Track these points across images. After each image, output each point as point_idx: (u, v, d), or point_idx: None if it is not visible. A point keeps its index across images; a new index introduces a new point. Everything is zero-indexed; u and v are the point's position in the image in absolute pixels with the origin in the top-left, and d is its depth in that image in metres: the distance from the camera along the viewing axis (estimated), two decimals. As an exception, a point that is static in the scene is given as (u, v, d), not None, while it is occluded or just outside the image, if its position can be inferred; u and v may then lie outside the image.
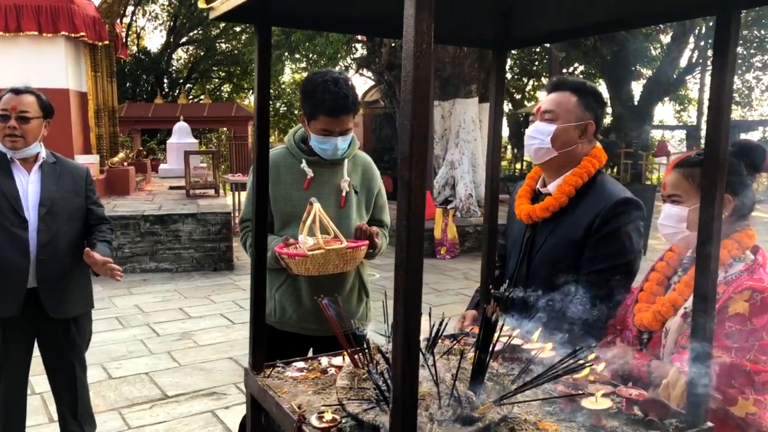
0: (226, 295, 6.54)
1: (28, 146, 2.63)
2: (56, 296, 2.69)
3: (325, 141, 2.37)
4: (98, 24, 9.24)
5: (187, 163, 9.20)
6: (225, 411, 3.85)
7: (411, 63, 0.92)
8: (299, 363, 1.66)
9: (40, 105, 2.66)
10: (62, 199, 2.70)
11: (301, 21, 1.63)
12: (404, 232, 0.94)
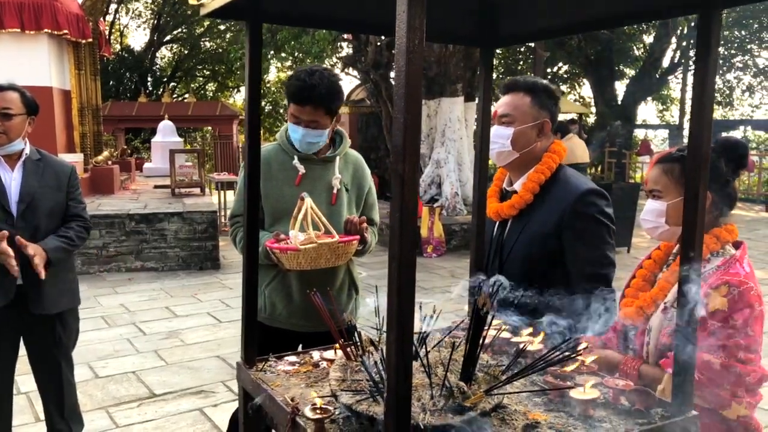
0: (212, 293, 6.53)
1: (11, 142, 2.63)
2: (38, 292, 2.67)
3: (295, 129, 2.39)
4: (82, 21, 9.15)
5: (172, 162, 9.15)
6: (213, 409, 3.85)
7: (404, 58, 0.94)
8: (291, 357, 1.68)
9: (23, 102, 2.65)
10: (43, 195, 2.69)
11: (292, 19, 1.65)
12: (397, 224, 0.96)
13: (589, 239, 1.96)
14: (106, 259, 7.30)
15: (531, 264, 2.01)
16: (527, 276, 1.88)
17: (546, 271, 1.97)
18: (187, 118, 20.93)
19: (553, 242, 1.98)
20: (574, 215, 1.95)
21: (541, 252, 2.00)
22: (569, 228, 1.96)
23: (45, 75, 8.59)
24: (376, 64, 10.44)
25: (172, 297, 6.37)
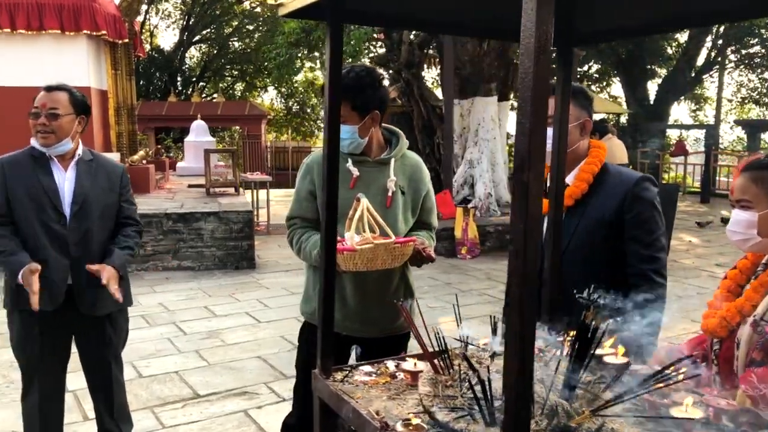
0: (249, 293, 6.53)
1: (59, 142, 2.62)
2: (89, 293, 2.67)
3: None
4: (118, 22, 9.26)
5: (207, 162, 9.20)
6: (258, 411, 3.83)
7: (531, 59, 0.88)
8: (366, 367, 1.63)
9: (71, 101, 2.65)
10: (95, 196, 2.68)
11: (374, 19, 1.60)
12: (520, 237, 0.91)
13: (647, 223, 2.07)
14: (144, 258, 7.35)
15: (592, 251, 2.08)
16: (588, 263, 2.01)
17: (606, 257, 2.07)
18: (217, 117, 21.11)
19: (614, 227, 2.07)
20: (634, 199, 2.06)
21: (602, 237, 2.08)
22: (629, 212, 2.05)
23: (83, 75, 8.69)
24: (409, 64, 10.38)
25: (210, 296, 6.38)
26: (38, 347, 2.68)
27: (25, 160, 2.65)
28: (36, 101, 2.60)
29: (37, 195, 2.60)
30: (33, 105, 2.60)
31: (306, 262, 2.57)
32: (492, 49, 9.68)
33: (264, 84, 28.98)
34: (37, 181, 2.61)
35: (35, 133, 2.60)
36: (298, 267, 7.77)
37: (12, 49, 8.40)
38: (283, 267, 7.81)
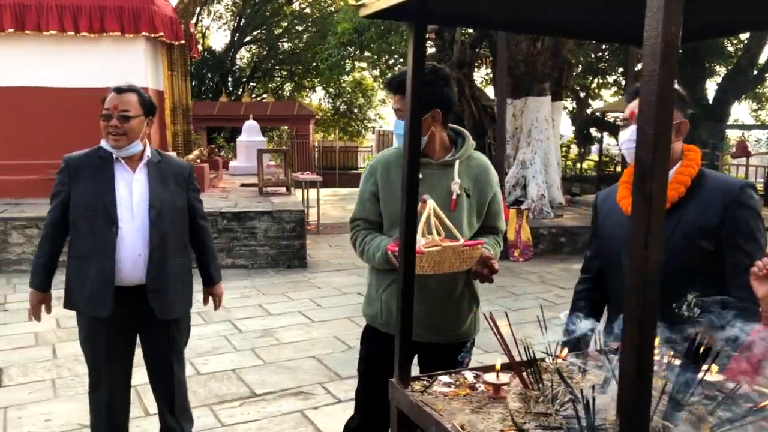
0: (302, 292, 6.57)
1: (131, 144, 2.64)
2: (164, 297, 2.70)
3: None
4: (175, 24, 9.45)
5: (260, 162, 9.31)
6: (314, 412, 3.82)
7: (657, 61, 0.82)
8: (444, 377, 1.58)
9: (141, 103, 2.66)
10: (169, 200, 2.71)
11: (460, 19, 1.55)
12: (641, 253, 0.84)
13: (750, 232, 1.95)
14: (198, 256, 7.47)
15: (690, 258, 1.95)
16: (685, 271, 1.88)
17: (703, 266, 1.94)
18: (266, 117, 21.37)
19: (713, 235, 1.95)
20: (738, 206, 1.93)
21: (699, 244, 1.96)
22: (732, 220, 1.93)
23: (141, 76, 8.90)
24: (461, 63, 10.28)
25: (264, 295, 6.44)
26: (105, 345, 2.72)
27: (92, 160, 2.66)
28: (106, 103, 2.62)
29: (95, 199, 2.61)
30: (103, 107, 2.62)
31: (369, 264, 2.53)
32: (546, 48, 9.50)
33: (312, 84, 29.23)
34: (98, 184, 2.62)
35: (106, 135, 2.62)
36: (349, 267, 7.79)
37: (74, 51, 8.68)
38: (334, 267, 7.83)
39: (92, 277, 2.61)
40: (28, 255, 7.18)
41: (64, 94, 8.62)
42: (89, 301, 2.64)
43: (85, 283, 2.63)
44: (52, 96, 8.60)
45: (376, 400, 2.55)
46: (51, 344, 4.86)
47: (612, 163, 17.71)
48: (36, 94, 8.57)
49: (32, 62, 8.57)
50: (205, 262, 2.90)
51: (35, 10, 8.40)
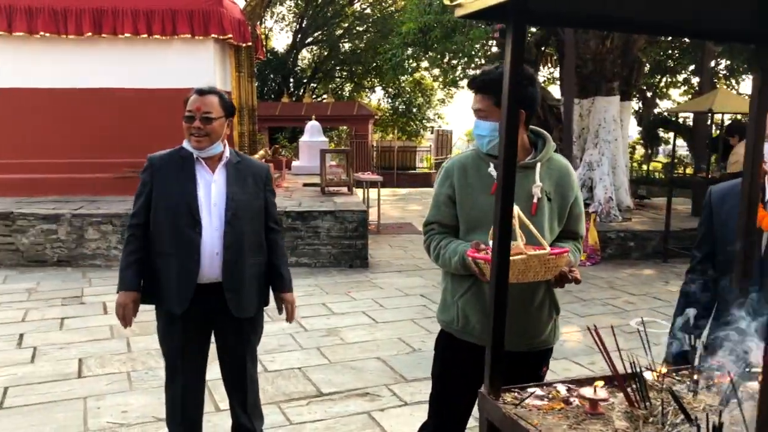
0: (365, 292, 6.58)
1: (212, 145, 2.69)
2: (239, 296, 2.75)
3: (473, 123, 2.32)
4: (243, 26, 9.65)
5: (323, 162, 9.39)
6: (381, 414, 3.81)
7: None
8: (533, 389, 1.53)
9: (222, 105, 2.71)
10: (246, 201, 2.74)
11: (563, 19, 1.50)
12: None
13: None
14: (263, 254, 7.60)
15: None
16: None
17: None
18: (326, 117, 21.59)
19: None
20: None
21: None
22: None
23: (210, 77, 9.11)
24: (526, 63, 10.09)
25: (327, 294, 6.49)
26: (181, 341, 2.78)
27: (174, 160, 2.73)
28: (189, 105, 2.67)
29: (177, 199, 2.67)
30: (186, 109, 2.68)
31: (444, 269, 2.49)
32: (615, 47, 9.22)
33: (372, 84, 29.37)
34: (180, 185, 2.68)
35: (189, 136, 2.68)
36: (411, 268, 7.77)
37: (147, 53, 8.97)
38: (395, 267, 7.83)
39: (173, 274, 2.67)
40: (103, 250, 7.48)
41: (137, 95, 8.93)
42: (168, 297, 2.71)
43: (165, 280, 2.70)
44: (126, 97, 8.92)
45: (451, 407, 2.52)
46: (125, 338, 5.02)
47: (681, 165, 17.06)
48: (111, 94, 8.91)
49: (108, 64, 8.90)
50: (277, 264, 2.91)
51: (111, 15, 8.72)
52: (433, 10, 9.35)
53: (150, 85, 8.92)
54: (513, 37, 1.36)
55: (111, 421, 3.64)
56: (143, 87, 8.93)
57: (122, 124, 8.95)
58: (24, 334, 5.07)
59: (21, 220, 7.36)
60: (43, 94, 8.78)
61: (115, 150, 8.86)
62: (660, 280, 7.41)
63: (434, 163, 24.87)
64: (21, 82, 8.86)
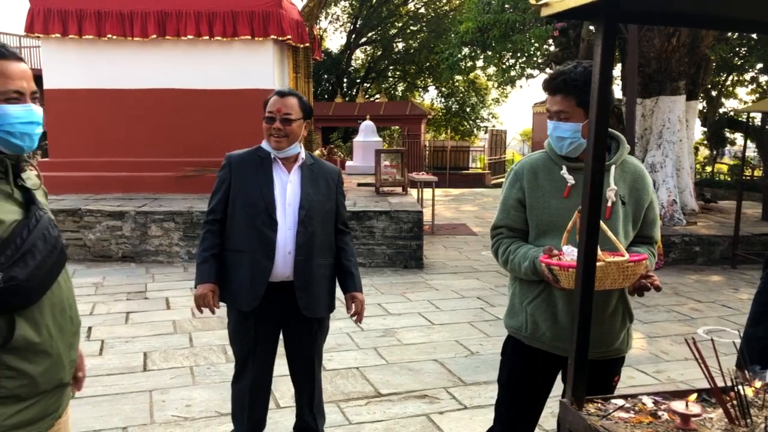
0: (420, 293, 6.55)
1: (290, 146, 2.74)
2: (310, 296, 2.77)
3: (548, 125, 2.25)
4: (301, 27, 9.76)
5: (378, 162, 9.41)
6: (440, 416, 3.78)
7: None
8: (617, 400, 1.47)
9: (301, 107, 2.75)
10: (319, 202, 2.77)
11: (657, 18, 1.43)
12: None
13: None
14: (319, 253, 7.67)
15: None
16: None
17: None
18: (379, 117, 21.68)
19: None
20: None
21: None
22: None
23: (269, 78, 9.28)
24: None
25: (383, 294, 6.49)
26: (251, 339, 2.82)
27: (252, 159, 2.78)
28: (269, 106, 2.72)
29: (255, 197, 2.71)
30: (266, 110, 2.73)
31: (513, 274, 2.44)
32: (682, 44, 8.90)
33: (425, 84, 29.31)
34: (258, 184, 2.72)
35: (268, 137, 2.73)
36: (467, 270, 7.69)
37: (208, 54, 9.18)
38: (450, 269, 7.77)
39: (246, 272, 2.72)
40: (165, 247, 7.69)
41: (198, 96, 9.16)
42: (241, 295, 2.75)
43: (238, 277, 2.74)
44: (187, 97, 9.16)
45: (519, 414, 2.47)
46: (188, 333, 5.14)
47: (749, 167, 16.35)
48: (173, 95, 9.16)
49: (170, 66, 9.16)
50: (347, 264, 2.94)
51: (175, 17, 8.96)
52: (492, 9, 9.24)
53: (211, 86, 9.14)
54: (604, 36, 1.31)
55: (176, 414, 3.72)
56: (204, 88, 9.16)
57: (184, 124, 9.19)
58: (92, 327, 5.25)
59: (88, 217, 7.64)
60: (109, 94, 9.10)
61: (176, 149, 9.11)
62: (728, 287, 7.11)
63: (487, 163, 24.64)
64: (88, 83, 9.20)
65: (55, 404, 1.73)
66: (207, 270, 2.75)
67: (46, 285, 1.64)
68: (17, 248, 1.55)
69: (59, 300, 1.70)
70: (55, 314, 1.68)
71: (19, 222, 1.59)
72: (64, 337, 1.72)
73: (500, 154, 25.70)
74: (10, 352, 1.56)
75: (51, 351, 1.66)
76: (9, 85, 1.59)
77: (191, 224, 7.64)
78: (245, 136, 8.87)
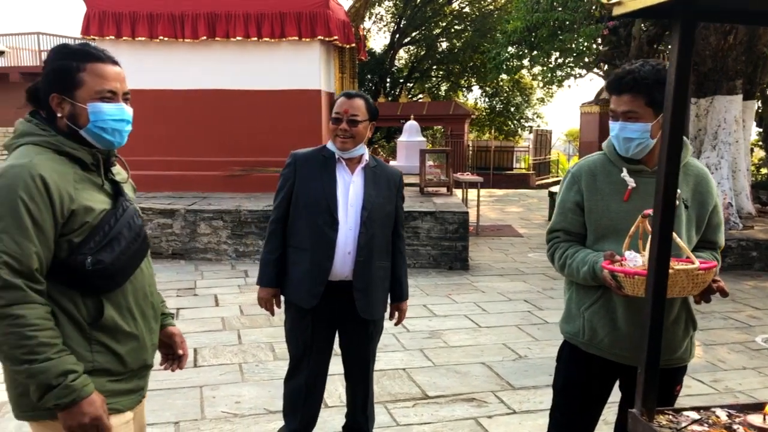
0: (466, 295, 6.50)
1: (356, 147, 2.76)
2: (367, 297, 2.78)
3: (612, 126, 2.16)
4: (347, 27, 9.80)
5: (422, 162, 9.38)
6: (488, 420, 3.73)
7: None
8: (689, 412, 1.42)
9: (368, 108, 2.76)
10: (380, 204, 2.78)
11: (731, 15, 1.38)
12: None
13: None
14: (364, 253, 7.68)
15: None
16: None
17: None
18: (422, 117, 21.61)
19: None
20: None
21: None
22: None
23: (315, 79, 9.35)
24: (638, 60, 9.62)
25: (428, 295, 6.46)
26: (308, 336, 2.84)
27: (316, 158, 2.80)
28: (337, 107, 2.74)
29: (317, 196, 2.73)
30: (333, 111, 2.75)
31: (569, 279, 2.38)
32: (739, 42, 8.60)
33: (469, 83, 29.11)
34: (321, 183, 2.75)
35: (334, 137, 2.75)
36: (513, 272, 7.60)
37: (256, 55, 9.30)
38: (496, 271, 7.68)
39: (307, 269, 2.75)
40: (214, 245, 7.82)
41: (245, 96, 9.29)
42: (299, 292, 2.78)
43: (298, 274, 2.78)
44: (235, 98, 9.30)
45: (575, 421, 2.41)
46: (236, 330, 5.22)
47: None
48: (221, 96, 9.31)
49: (219, 66, 9.31)
50: (398, 272, 2.96)
51: (224, 19, 9.12)
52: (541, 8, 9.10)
53: (258, 86, 9.26)
54: (681, 35, 1.27)
55: (225, 410, 3.78)
56: (251, 88, 9.28)
57: (232, 124, 9.33)
58: (144, 322, 5.37)
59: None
60: (160, 94, 9.31)
61: (224, 149, 9.26)
62: (787, 293, 6.84)
63: (532, 163, 24.32)
64: (141, 83, 9.38)
65: (141, 383, 1.90)
66: (270, 274, 2.84)
67: (129, 270, 1.78)
68: (105, 235, 1.71)
69: (141, 286, 1.84)
70: (137, 299, 1.82)
71: (107, 211, 1.75)
72: (147, 321, 1.86)
73: (545, 154, 25.34)
74: (100, 330, 1.73)
75: (135, 333, 1.81)
76: (105, 85, 1.75)
77: (239, 223, 7.76)
78: (292, 136, 8.98)
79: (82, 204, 1.68)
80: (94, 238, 1.69)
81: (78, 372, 1.62)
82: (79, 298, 1.70)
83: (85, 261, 1.66)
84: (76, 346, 1.68)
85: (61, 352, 1.61)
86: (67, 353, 1.63)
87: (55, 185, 1.63)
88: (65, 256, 1.66)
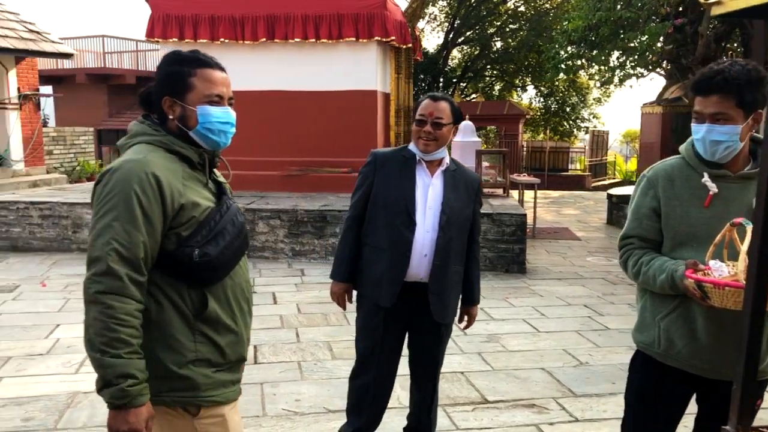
0: (523, 299, 6.40)
1: (438, 149, 2.75)
2: (442, 300, 2.78)
3: (697, 129, 2.08)
4: (404, 28, 9.80)
5: (479, 163, 9.29)
6: (550, 428, 3.66)
7: None
8: (783, 431, 1.35)
9: (452, 112, 2.75)
10: (458, 208, 2.77)
11: None
12: None
13: None
14: (419, 254, 7.65)
15: None
16: None
17: None
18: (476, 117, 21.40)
19: None
20: None
21: None
22: None
23: (371, 79, 9.39)
24: (705, 59, 9.27)
25: (485, 298, 6.37)
26: (379, 334, 2.84)
27: (397, 158, 2.81)
28: (421, 109, 2.74)
29: (396, 196, 2.74)
30: (418, 113, 2.75)
31: (644, 286, 2.30)
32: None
33: (523, 83, 28.71)
34: (401, 183, 2.75)
35: (417, 139, 2.75)
36: (572, 276, 7.45)
37: (314, 56, 9.40)
38: (554, 275, 7.54)
39: (384, 268, 2.76)
40: (271, 243, 7.95)
41: (303, 97, 9.40)
42: (376, 290, 2.79)
43: (375, 272, 2.79)
44: (293, 98, 9.42)
45: (651, 434, 2.34)
46: (294, 328, 5.28)
47: None
48: (278, 96, 9.45)
49: (278, 68, 9.45)
50: (471, 277, 2.94)
51: (283, 21, 9.25)
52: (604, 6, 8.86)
53: (315, 87, 9.35)
54: (787, 35, 1.20)
55: (286, 408, 3.82)
56: (308, 89, 9.38)
57: (289, 124, 9.46)
58: (206, 318, 5.50)
59: (201, 212, 8.01)
60: (221, 96, 9.49)
61: (281, 149, 9.40)
62: None
63: (588, 164, 23.81)
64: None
65: (238, 375, 1.98)
66: (344, 270, 2.89)
67: (231, 264, 1.87)
68: (211, 229, 1.80)
69: (239, 281, 1.92)
70: (236, 294, 1.90)
71: (212, 208, 1.84)
72: (243, 316, 1.94)
73: (602, 155, 24.75)
74: (203, 322, 1.82)
75: (234, 327, 1.89)
76: (213, 89, 1.86)
77: (296, 222, 7.86)
78: (349, 136, 9.04)
79: (190, 199, 1.78)
80: (201, 232, 1.78)
81: (139, 379, 1.66)
82: (185, 291, 1.79)
83: (193, 253, 1.74)
84: (180, 336, 1.77)
85: (134, 353, 1.66)
86: (139, 356, 1.67)
87: (166, 180, 1.73)
88: (174, 249, 1.75)
